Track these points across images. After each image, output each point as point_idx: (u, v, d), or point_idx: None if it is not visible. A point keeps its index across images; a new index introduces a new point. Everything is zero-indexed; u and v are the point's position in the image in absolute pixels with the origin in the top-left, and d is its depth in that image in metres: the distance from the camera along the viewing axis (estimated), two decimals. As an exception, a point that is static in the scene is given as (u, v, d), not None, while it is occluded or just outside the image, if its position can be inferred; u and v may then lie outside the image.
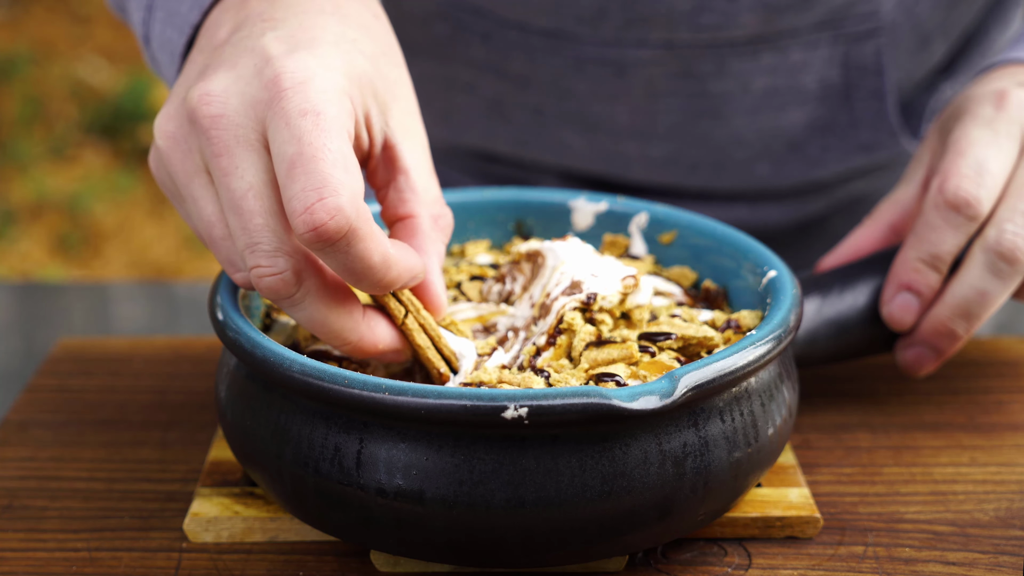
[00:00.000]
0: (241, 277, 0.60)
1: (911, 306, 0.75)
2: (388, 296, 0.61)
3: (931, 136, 0.81)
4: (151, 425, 0.77)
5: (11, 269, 2.72)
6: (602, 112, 0.92)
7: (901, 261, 0.75)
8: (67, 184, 2.99)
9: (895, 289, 0.75)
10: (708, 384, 0.57)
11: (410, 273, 0.59)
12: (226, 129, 0.57)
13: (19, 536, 0.66)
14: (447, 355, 0.63)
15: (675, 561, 0.64)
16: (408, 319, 0.62)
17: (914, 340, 0.76)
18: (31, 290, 2.46)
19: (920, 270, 0.74)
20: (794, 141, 0.93)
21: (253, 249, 0.56)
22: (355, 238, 0.55)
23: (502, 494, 0.56)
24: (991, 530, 0.67)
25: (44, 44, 3.47)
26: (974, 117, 0.75)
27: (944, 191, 0.73)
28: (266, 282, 0.57)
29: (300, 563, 0.64)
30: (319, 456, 0.58)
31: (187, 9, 0.68)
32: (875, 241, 0.80)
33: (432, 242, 0.63)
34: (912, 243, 0.74)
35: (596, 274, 0.67)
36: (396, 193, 0.63)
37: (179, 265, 2.79)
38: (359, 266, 0.56)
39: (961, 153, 0.74)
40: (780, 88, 0.91)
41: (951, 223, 0.73)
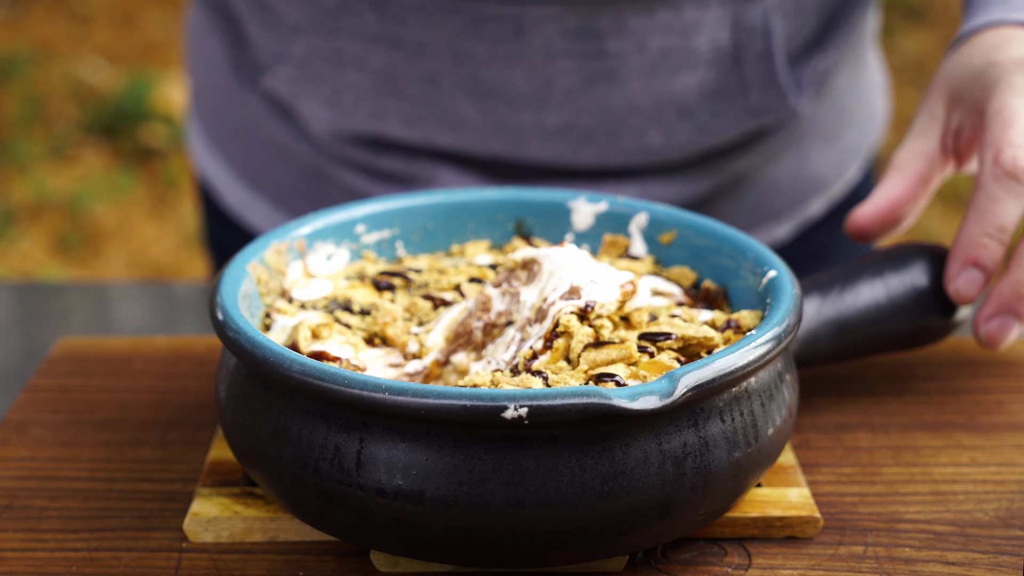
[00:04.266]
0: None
1: (977, 281, 0.75)
2: None
3: (939, 92, 0.81)
4: (151, 425, 0.77)
5: (11, 269, 2.72)
6: (498, 77, 0.92)
7: (966, 236, 0.75)
8: (67, 184, 2.99)
9: (961, 265, 0.75)
10: (708, 384, 0.57)
11: None
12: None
13: (19, 536, 0.66)
14: None
15: (675, 561, 0.64)
16: None
17: (995, 310, 0.76)
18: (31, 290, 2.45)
19: (986, 244, 0.74)
20: (685, 107, 0.94)
21: None
22: None
23: (502, 494, 0.56)
24: (991, 530, 0.67)
25: (44, 44, 3.47)
26: (1010, 86, 0.76)
27: (1002, 163, 0.73)
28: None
29: (300, 563, 0.64)
30: (319, 456, 0.58)
31: None
32: (907, 191, 0.80)
33: None
34: (975, 218, 0.75)
35: (595, 280, 0.67)
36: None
37: (179, 265, 2.78)
38: None
39: (1009, 123, 0.74)
40: (673, 49, 0.92)
41: (1012, 193, 0.74)
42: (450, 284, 0.74)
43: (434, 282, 0.74)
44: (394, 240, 0.78)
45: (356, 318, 0.71)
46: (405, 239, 0.78)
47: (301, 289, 0.73)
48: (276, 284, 0.72)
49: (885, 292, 0.77)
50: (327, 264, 0.76)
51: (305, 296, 0.72)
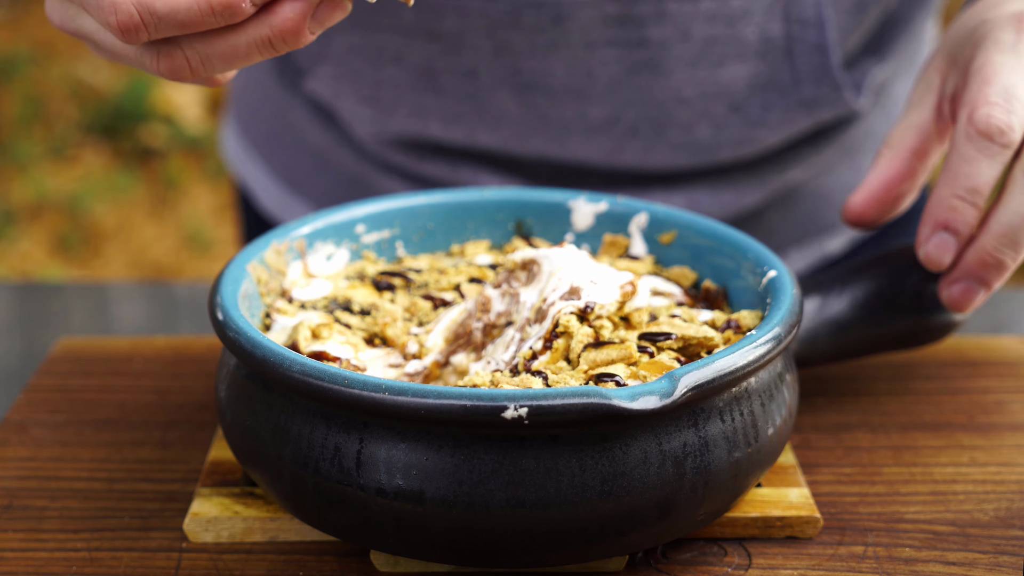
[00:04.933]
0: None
1: (949, 245, 0.72)
2: None
3: (937, 59, 0.78)
4: (151, 425, 0.77)
5: (11, 269, 2.72)
6: (538, 68, 0.90)
7: (936, 199, 0.72)
8: (67, 184, 2.99)
9: (931, 229, 0.73)
10: (708, 384, 0.57)
11: None
12: None
13: (19, 536, 0.66)
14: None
15: (675, 561, 0.64)
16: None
17: (960, 274, 0.74)
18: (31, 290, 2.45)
19: (957, 207, 0.71)
20: (735, 100, 0.91)
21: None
22: (147, 7, 0.58)
23: (502, 494, 0.56)
24: (991, 530, 0.67)
25: (44, 44, 3.46)
26: (996, 42, 0.73)
27: (975, 121, 0.71)
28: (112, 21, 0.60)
29: (300, 563, 0.64)
30: (319, 456, 0.58)
31: None
32: (900, 170, 0.77)
33: None
34: (946, 179, 0.72)
35: (595, 281, 0.67)
36: None
37: (179, 265, 2.79)
38: (181, 17, 0.58)
39: (987, 81, 0.71)
40: (720, 38, 0.89)
41: (985, 153, 0.70)
42: (450, 284, 0.74)
43: (434, 282, 0.74)
44: (394, 240, 0.78)
45: (356, 318, 0.71)
46: (405, 239, 0.78)
47: (301, 289, 0.73)
48: (276, 284, 0.72)
49: (885, 292, 0.77)
50: (327, 264, 0.76)
51: (305, 296, 0.72)
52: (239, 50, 0.61)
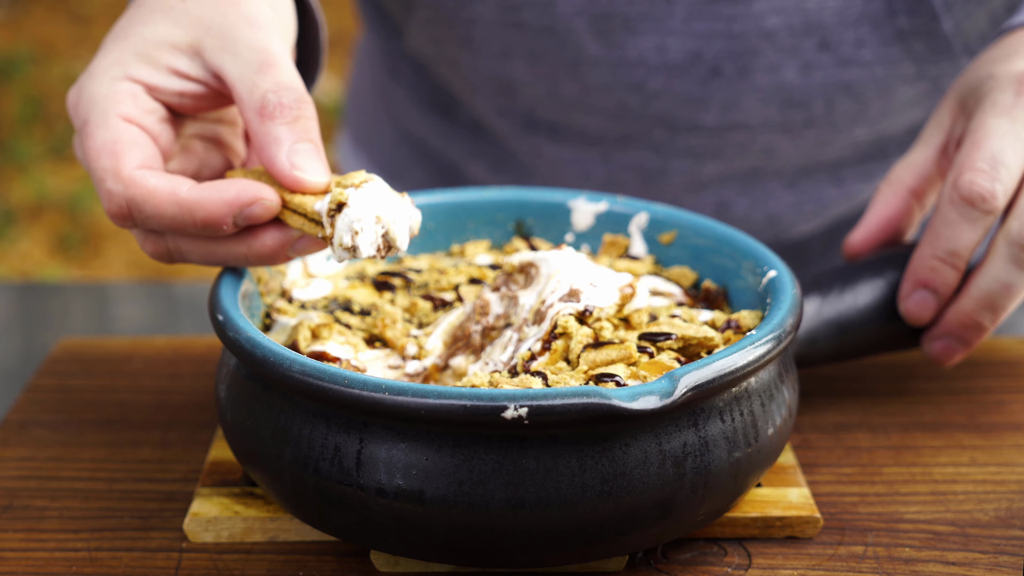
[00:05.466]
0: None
1: (928, 303, 0.74)
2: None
3: (949, 100, 0.79)
4: (151, 425, 0.77)
5: (11, 269, 2.72)
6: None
7: (918, 258, 0.74)
8: (67, 184, 2.99)
9: (912, 286, 0.75)
10: (708, 384, 0.57)
11: (224, 202, 0.62)
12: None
13: (19, 536, 0.66)
14: (314, 218, 0.63)
15: (675, 561, 0.64)
16: (282, 213, 0.64)
17: (941, 332, 0.76)
18: (31, 290, 2.46)
19: (936, 268, 0.73)
20: (825, 36, 0.88)
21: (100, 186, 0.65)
22: (137, 207, 0.62)
23: (502, 494, 0.56)
24: (991, 530, 0.67)
25: (44, 44, 3.47)
26: (993, 104, 0.74)
27: (959, 186, 0.72)
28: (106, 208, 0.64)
29: (300, 563, 0.64)
30: (319, 456, 0.58)
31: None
32: (897, 209, 0.78)
33: (263, 136, 0.64)
34: (928, 239, 0.74)
35: (594, 283, 0.67)
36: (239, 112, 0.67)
37: (179, 265, 2.79)
38: (167, 223, 0.63)
39: (976, 145, 0.72)
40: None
41: (967, 218, 0.72)
42: (450, 284, 0.74)
43: (434, 282, 0.74)
44: (394, 240, 0.78)
45: (356, 318, 0.71)
46: (405, 239, 0.78)
47: (301, 289, 0.73)
48: (276, 284, 0.72)
49: (885, 292, 0.77)
50: (327, 264, 0.76)
51: (305, 296, 0.72)
52: (216, 256, 0.65)
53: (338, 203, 0.61)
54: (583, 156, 0.96)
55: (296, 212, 0.63)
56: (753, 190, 0.97)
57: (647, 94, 0.91)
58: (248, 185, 0.62)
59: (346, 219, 0.61)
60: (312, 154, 0.63)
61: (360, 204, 0.62)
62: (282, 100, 0.63)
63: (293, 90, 0.64)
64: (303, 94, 0.64)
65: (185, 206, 0.62)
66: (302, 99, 0.64)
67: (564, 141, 0.96)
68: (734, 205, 0.97)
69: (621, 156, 0.95)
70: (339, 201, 0.61)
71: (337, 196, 0.61)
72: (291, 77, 0.64)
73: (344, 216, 0.61)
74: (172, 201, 0.62)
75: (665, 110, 0.92)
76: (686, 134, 0.93)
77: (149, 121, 0.64)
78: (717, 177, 0.96)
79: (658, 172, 0.96)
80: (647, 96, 0.91)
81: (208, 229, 0.62)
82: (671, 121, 0.92)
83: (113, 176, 0.62)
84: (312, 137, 0.64)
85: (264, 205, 0.62)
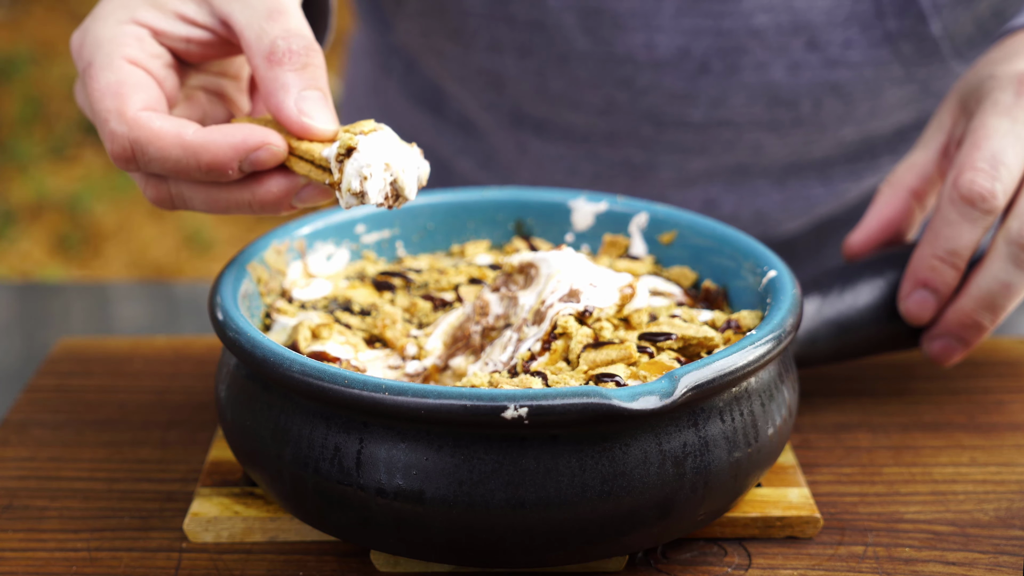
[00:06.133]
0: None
1: (928, 302, 0.75)
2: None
3: (951, 101, 0.79)
4: (151, 425, 0.77)
5: (11, 269, 2.72)
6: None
7: (918, 257, 0.74)
8: (67, 184, 2.99)
9: (912, 285, 0.75)
10: (708, 384, 0.57)
11: (230, 145, 0.61)
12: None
13: (19, 536, 0.66)
14: (322, 164, 0.63)
15: (675, 561, 0.64)
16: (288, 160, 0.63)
17: (940, 332, 0.76)
18: (31, 290, 2.46)
19: (936, 267, 0.73)
20: (813, 36, 0.88)
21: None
22: (140, 148, 0.61)
23: (502, 494, 0.56)
24: (991, 530, 0.67)
25: (44, 44, 3.47)
26: (994, 104, 0.74)
27: (959, 186, 0.72)
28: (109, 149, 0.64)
29: (300, 563, 0.64)
30: (319, 456, 0.58)
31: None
32: (898, 210, 0.78)
33: (270, 81, 0.63)
34: (928, 239, 0.74)
35: (594, 283, 0.67)
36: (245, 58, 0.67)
37: (179, 265, 2.79)
38: (170, 166, 0.62)
39: (977, 145, 0.72)
40: None
41: (967, 218, 0.72)
42: (450, 284, 0.74)
43: (434, 282, 0.74)
44: (394, 240, 0.78)
45: (356, 318, 0.71)
46: (405, 239, 0.78)
47: (301, 289, 0.73)
48: (276, 284, 0.72)
49: (885, 292, 0.77)
50: (327, 264, 0.76)
51: (305, 296, 0.72)
52: (220, 203, 0.64)
53: (348, 148, 0.61)
54: (570, 152, 0.96)
55: (303, 159, 0.63)
56: (741, 187, 0.97)
57: (635, 90, 0.91)
58: (255, 130, 0.62)
59: (355, 164, 0.61)
60: (320, 101, 0.63)
61: (370, 150, 0.61)
62: (291, 47, 0.63)
63: (302, 37, 0.63)
64: (312, 42, 0.64)
65: (190, 148, 0.61)
66: (311, 47, 0.63)
67: (551, 137, 0.96)
68: (722, 202, 0.97)
69: (608, 152, 0.95)
70: (349, 146, 0.61)
71: (347, 141, 0.61)
72: (300, 24, 0.64)
73: (353, 161, 0.61)
74: (177, 143, 0.61)
75: (653, 106, 0.92)
76: (673, 130, 0.93)
77: (155, 65, 0.64)
78: (704, 173, 0.96)
79: (645, 168, 0.95)
80: (635, 92, 0.91)
81: (213, 173, 0.62)
82: (659, 117, 0.92)
83: (117, 117, 0.62)
84: (320, 85, 0.63)
85: (271, 150, 0.62)
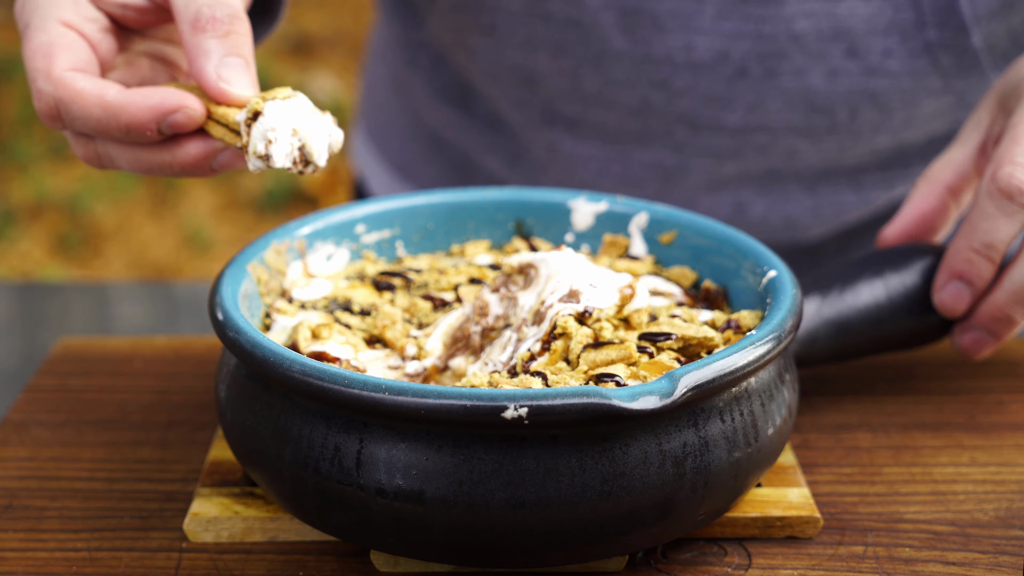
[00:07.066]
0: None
1: (963, 295, 0.75)
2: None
3: (989, 100, 0.79)
4: (151, 425, 0.77)
5: (11, 269, 2.72)
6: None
7: (954, 250, 0.75)
8: (67, 184, 2.99)
9: (947, 277, 0.75)
10: (708, 384, 0.57)
11: (147, 107, 0.63)
12: None
13: (19, 536, 0.66)
14: (235, 128, 0.64)
15: (675, 561, 0.64)
16: (207, 124, 0.65)
17: (972, 325, 0.76)
18: (31, 290, 2.46)
19: (972, 260, 0.74)
20: (853, 42, 0.88)
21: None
22: (64, 107, 0.64)
23: (502, 494, 0.56)
24: (991, 530, 0.67)
25: (44, 44, 3.46)
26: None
27: (997, 179, 0.72)
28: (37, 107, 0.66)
29: (300, 563, 0.64)
30: (319, 456, 0.58)
31: None
32: (933, 205, 0.79)
33: (193, 47, 0.65)
34: (965, 232, 0.74)
35: (594, 284, 0.67)
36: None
37: (179, 265, 2.78)
38: (92, 125, 0.64)
39: (1016, 140, 0.73)
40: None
41: (1004, 211, 0.72)
42: (450, 284, 0.74)
43: (434, 282, 0.74)
44: (394, 240, 0.78)
45: (356, 318, 0.71)
46: (405, 239, 0.78)
47: (301, 289, 0.73)
48: (276, 284, 0.72)
49: (885, 292, 0.77)
50: (327, 264, 0.76)
51: (305, 296, 0.72)
52: (143, 163, 0.66)
53: (254, 112, 0.63)
54: (601, 152, 0.96)
55: (219, 123, 0.65)
56: (772, 192, 0.97)
57: (671, 92, 0.91)
58: (173, 93, 0.64)
59: (260, 127, 0.63)
60: (240, 68, 0.65)
61: (276, 114, 0.63)
62: (215, 14, 0.65)
63: (227, 5, 0.65)
64: (237, 10, 0.66)
65: (110, 109, 0.63)
66: (236, 15, 0.65)
67: (582, 137, 0.96)
68: (752, 206, 0.97)
69: (640, 154, 0.95)
70: (255, 110, 0.63)
71: (253, 105, 0.63)
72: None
73: (259, 124, 0.63)
74: (98, 104, 0.63)
75: (688, 109, 0.92)
76: (708, 133, 0.93)
77: (89, 29, 0.66)
78: (736, 178, 0.95)
79: (677, 171, 0.95)
80: (671, 94, 0.91)
81: (132, 134, 0.64)
82: (694, 120, 0.92)
83: (44, 76, 0.64)
84: (243, 52, 0.65)
85: (187, 113, 0.64)
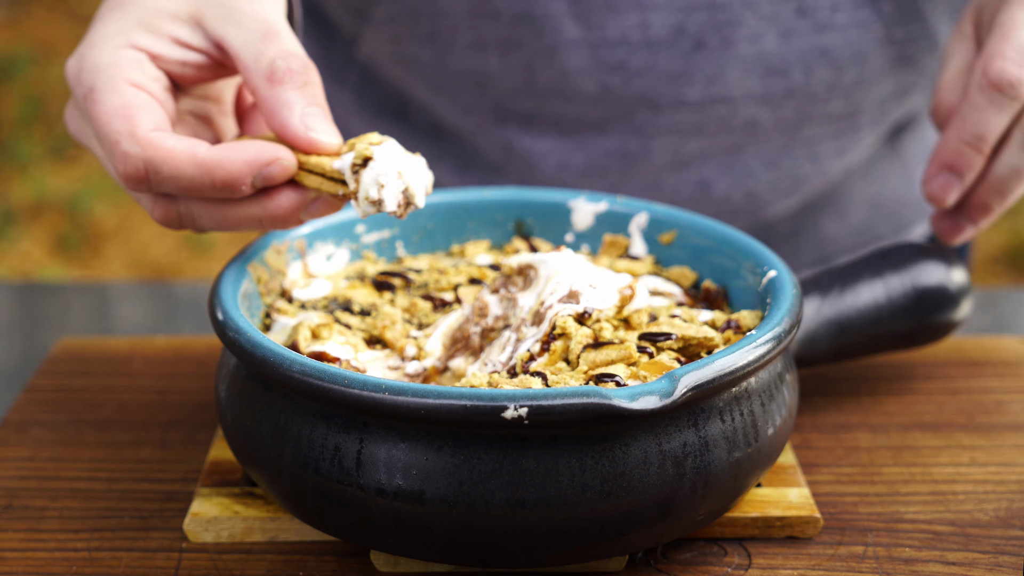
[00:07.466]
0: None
1: (951, 184, 0.77)
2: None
3: (970, 11, 0.81)
4: (151, 425, 0.77)
5: (11, 269, 2.72)
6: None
7: (945, 142, 0.76)
8: (67, 184, 2.99)
9: (937, 168, 0.77)
10: (708, 384, 0.57)
11: (244, 161, 0.62)
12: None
13: (19, 536, 0.66)
14: (334, 176, 0.64)
15: (675, 561, 0.64)
16: (298, 175, 0.65)
17: (950, 210, 0.78)
18: (31, 290, 2.45)
19: (962, 151, 0.76)
20: (802, 2, 0.89)
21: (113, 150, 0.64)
22: (154, 168, 0.62)
23: (502, 494, 0.56)
24: (991, 530, 0.67)
25: (44, 44, 3.46)
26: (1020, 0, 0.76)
27: (988, 73, 0.74)
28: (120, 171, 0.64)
29: (300, 563, 0.64)
30: (319, 456, 0.58)
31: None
32: None
33: (272, 100, 0.64)
34: (956, 125, 0.76)
35: (594, 284, 0.67)
36: (242, 80, 0.68)
37: (179, 265, 2.78)
38: (184, 184, 0.62)
39: (1006, 36, 0.75)
40: None
41: (995, 104, 0.74)
42: (450, 284, 0.74)
43: (434, 282, 0.74)
44: (394, 240, 0.78)
45: (356, 318, 0.71)
46: (405, 239, 0.78)
47: (301, 289, 0.73)
48: (276, 284, 0.72)
49: (885, 292, 0.77)
50: (327, 264, 0.76)
51: (305, 296, 0.72)
52: (230, 220, 0.65)
53: (364, 158, 0.63)
54: (560, 145, 0.95)
55: (313, 172, 0.64)
56: (733, 168, 0.96)
57: (629, 73, 0.91)
58: (267, 145, 0.63)
59: (372, 173, 0.63)
60: (323, 117, 0.65)
61: (385, 159, 0.63)
62: (291, 66, 0.64)
63: (299, 56, 0.65)
64: (308, 61, 0.65)
65: (205, 166, 0.62)
66: (308, 66, 0.65)
67: (539, 132, 0.95)
68: (715, 184, 0.97)
69: (600, 142, 0.95)
70: (365, 156, 0.63)
71: (363, 151, 0.63)
72: (295, 45, 0.65)
73: (370, 170, 0.63)
74: (191, 161, 0.62)
75: (648, 88, 0.91)
76: (670, 111, 0.92)
77: (155, 88, 0.65)
78: (699, 155, 0.95)
79: (639, 154, 0.95)
80: (629, 75, 0.91)
81: (226, 190, 0.63)
82: (654, 100, 0.92)
83: (129, 138, 0.62)
84: (320, 102, 0.65)
85: (282, 165, 0.63)
